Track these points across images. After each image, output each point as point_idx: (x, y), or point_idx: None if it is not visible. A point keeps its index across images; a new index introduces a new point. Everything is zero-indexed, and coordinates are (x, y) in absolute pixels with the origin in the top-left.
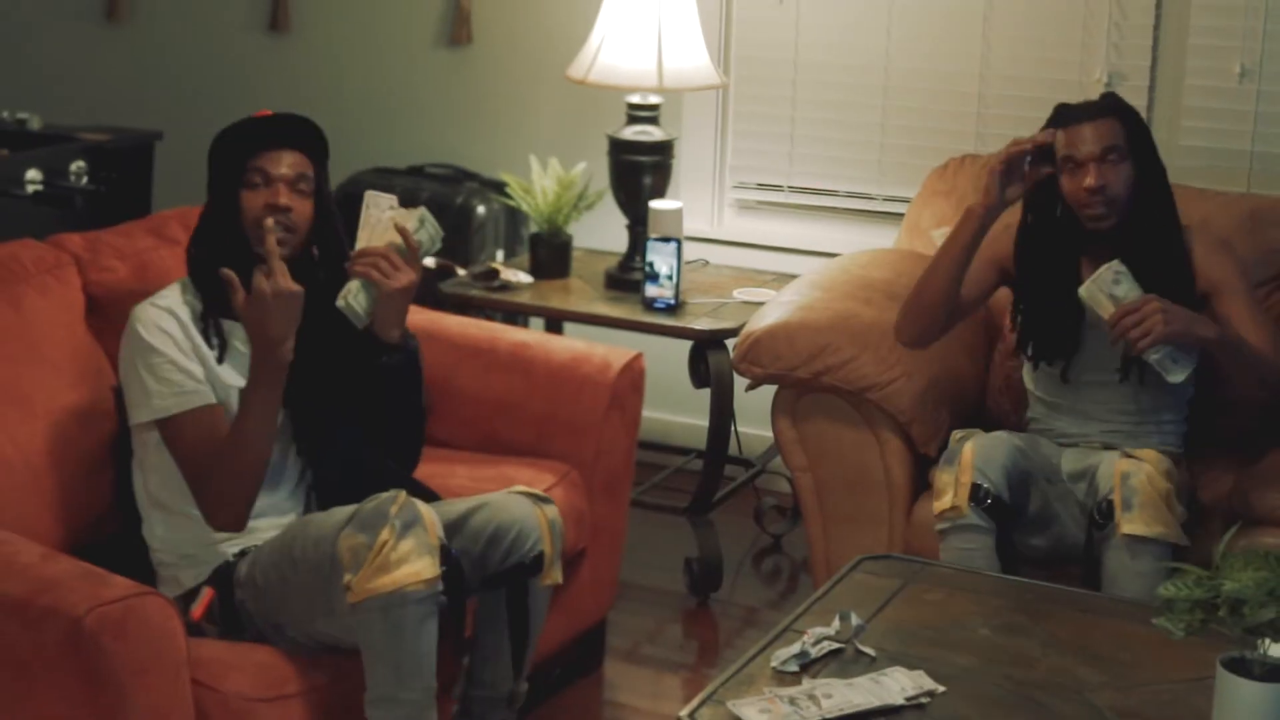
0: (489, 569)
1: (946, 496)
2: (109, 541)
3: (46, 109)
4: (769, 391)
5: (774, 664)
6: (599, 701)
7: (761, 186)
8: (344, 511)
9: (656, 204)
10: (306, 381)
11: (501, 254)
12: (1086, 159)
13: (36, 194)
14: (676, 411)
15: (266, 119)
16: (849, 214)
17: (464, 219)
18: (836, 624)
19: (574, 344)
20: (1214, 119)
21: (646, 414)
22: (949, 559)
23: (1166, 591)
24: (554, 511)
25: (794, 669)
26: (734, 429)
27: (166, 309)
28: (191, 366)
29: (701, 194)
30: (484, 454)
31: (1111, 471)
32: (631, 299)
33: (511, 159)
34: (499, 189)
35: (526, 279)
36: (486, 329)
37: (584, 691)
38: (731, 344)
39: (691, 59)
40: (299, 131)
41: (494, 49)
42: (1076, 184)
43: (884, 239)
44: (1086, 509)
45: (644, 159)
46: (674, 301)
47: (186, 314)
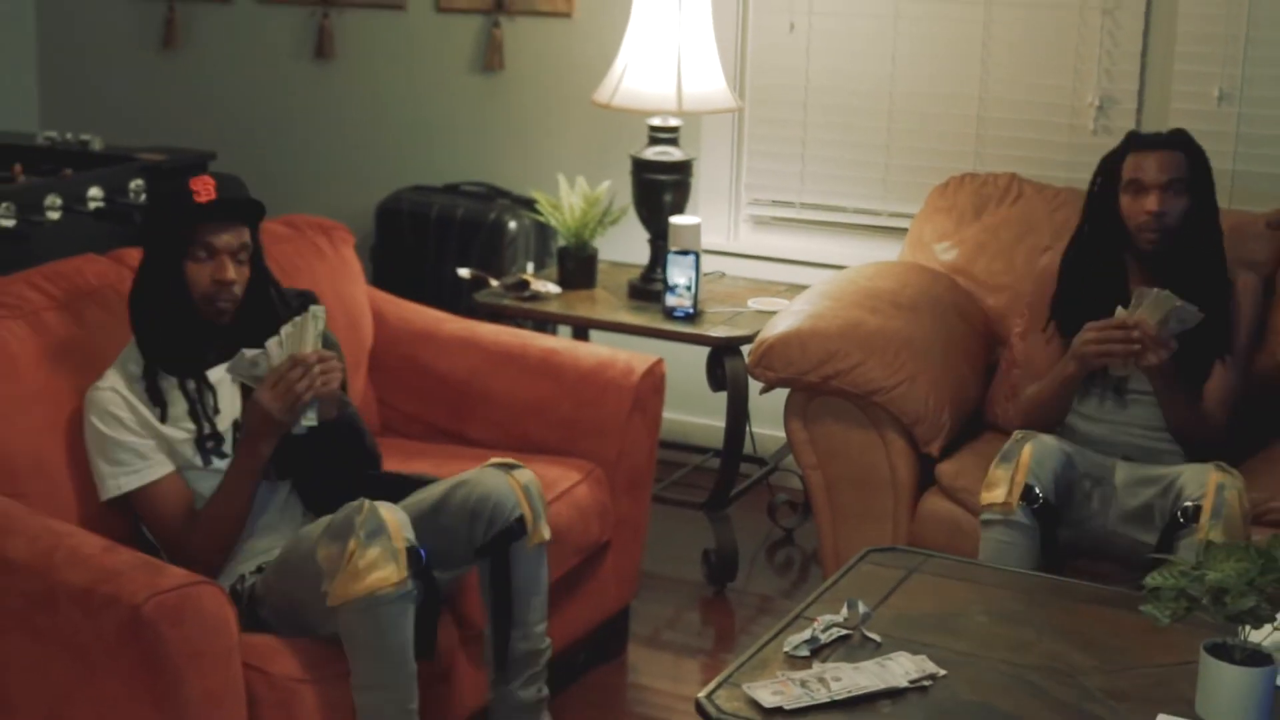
0: (476, 541)
1: (999, 490)
2: None
3: (107, 131)
4: (782, 394)
5: (786, 649)
6: (623, 684)
7: (774, 203)
8: (322, 522)
9: (676, 219)
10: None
11: (532, 266)
12: (1151, 185)
13: (98, 211)
14: (695, 413)
15: (210, 203)
16: (856, 229)
17: (497, 234)
18: (845, 612)
19: (599, 350)
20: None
21: (667, 415)
22: (987, 549)
23: (1153, 581)
24: (527, 475)
25: (805, 654)
26: (749, 429)
27: (110, 389)
28: (142, 444)
29: (718, 210)
30: (515, 452)
31: (1203, 480)
32: (653, 308)
33: (541, 177)
34: (529, 205)
35: (555, 289)
36: (518, 336)
37: (609, 675)
38: (746, 350)
39: (709, 84)
40: (238, 209)
41: (524, 75)
42: (1138, 206)
43: (889, 252)
44: (1159, 509)
45: (664, 177)
46: (692, 311)
47: (126, 387)
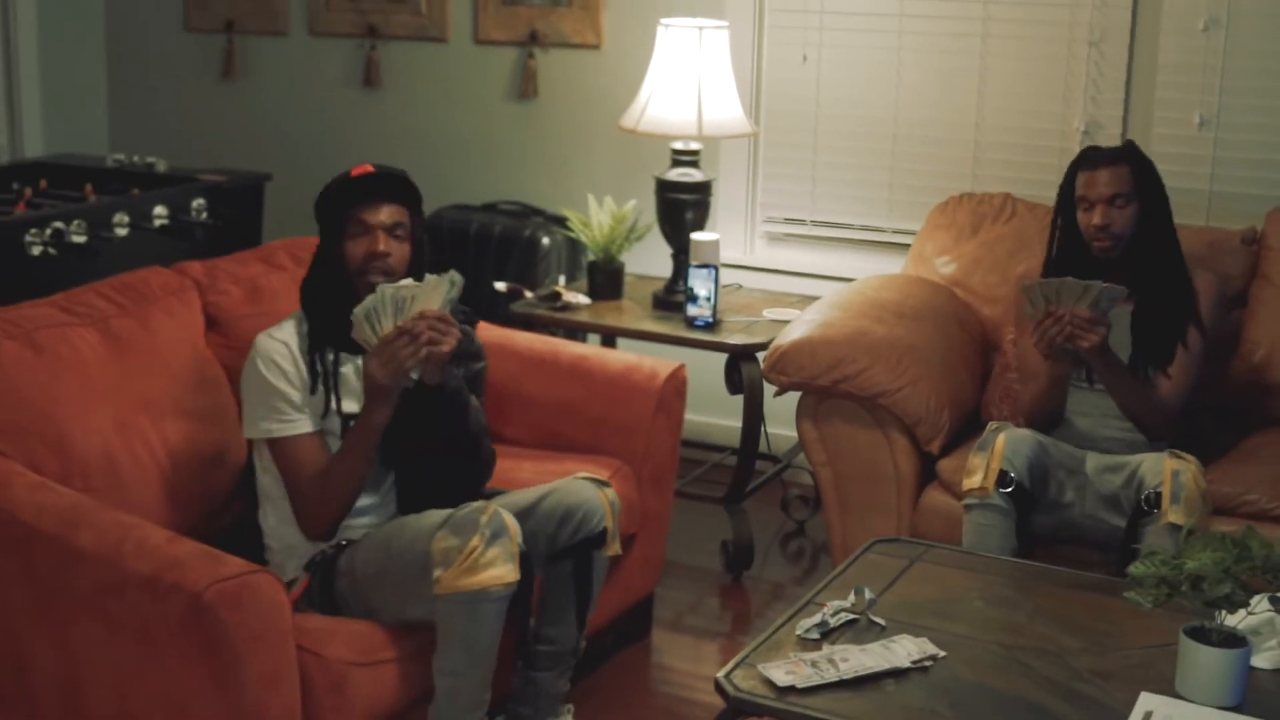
0: (559, 544)
1: (976, 477)
2: (228, 531)
3: (172, 154)
4: (794, 397)
5: (798, 632)
6: (648, 664)
7: (787, 220)
8: (438, 515)
9: (697, 236)
10: (411, 396)
11: (563, 279)
12: (1097, 200)
13: (163, 227)
14: (714, 414)
15: (365, 175)
16: (863, 244)
17: (531, 249)
18: (852, 598)
19: (625, 356)
20: (1177, 162)
21: (688, 416)
22: (969, 532)
23: (1136, 570)
24: (613, 493)
25: (815, 637)
26: (764, 430)
27: (282, 341)
28: (297, 397)
29: (736, 227)
30: (548, 451)
31: (1159, 468)
32: (675, 318)
33: (572, 197)
34: (561, 223)
35: (585, 300)
36: (551, 343)
37: (634, 656)
38: (762, 357)
39: (727, 111)
40: (394, 184)
41: (557, 102)
42: (1088, 220)
43: (893, 266)
44: (1123, 500)
45: (686, 197)
46: (712, 320)
47: (297, 344)
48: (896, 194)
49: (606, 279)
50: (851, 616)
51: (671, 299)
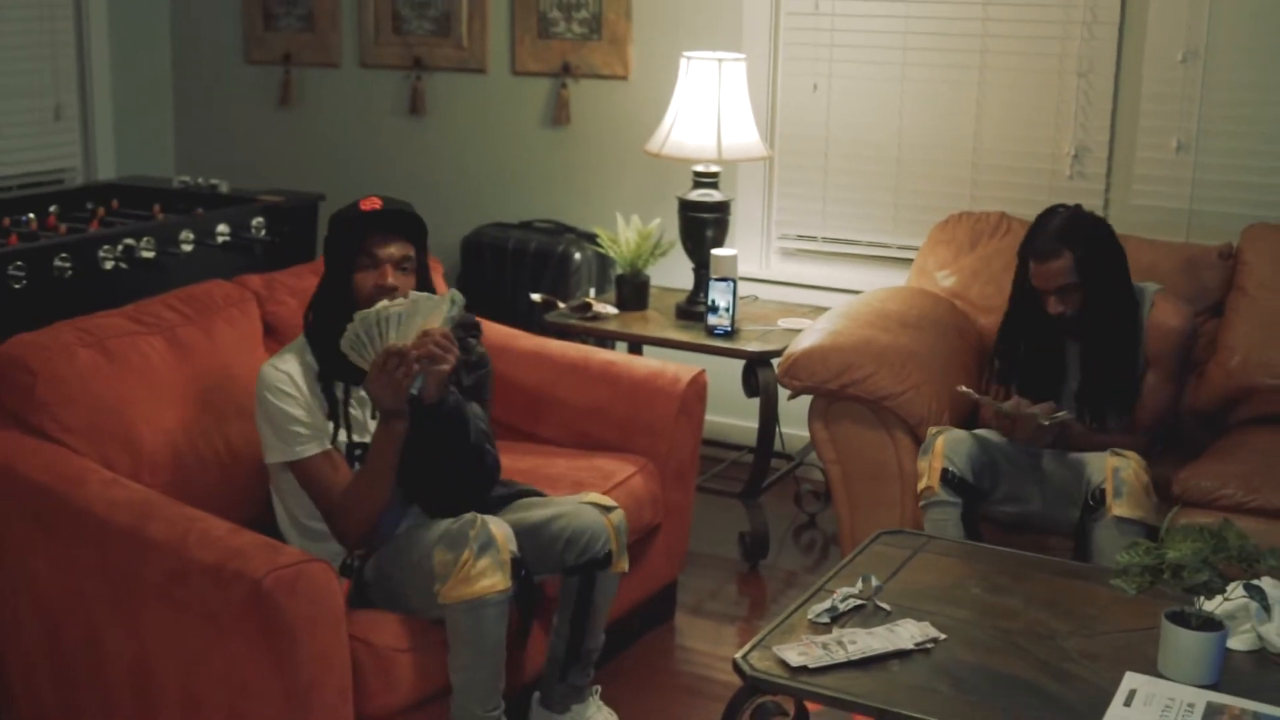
0: (566, 564)
1: (924, 479)
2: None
3: (233, 177)
4: (806, 400)
5: (810, 616)
6: (671, 646)
7: (800, 237)
8: (439, 528)
9: (716, 251)
10: (420, 420)
11: (593, 291)
12: (1046, 291)
13: (225, 244)
14: (732, 416)
15: (375, 211)
16: (869, 259)
17: (564, 263)
18: (860, 585)
19: (650, 362)
20: (1159, 184)
21: (708, 417)
22: (930, 528)
23: (1122, 559)
24: (619, 516)
25: (826, 620)
26: (778, 430)
27: (285, 371)
28: (309, 419)
29: (752, 243)
30: (579, 449)
31: (1103, 465)
32: (696, 327)
33: (601, 215)
34: (591, 239)
35: (613, 311)
36: (582, 350)
37: (659, 638)
38: (776, 362)
39: (744, 136)
40: (402, 219)
41: (587, 129)
42: (1044, 302)
43: (897, 279)
44: (1077, 494)
45: (706, 215)
46: (730, 329)
47: (301, 373)
48: (900, 212)
49: (633, 291)
50: (859, 602)
51: (693, 309)
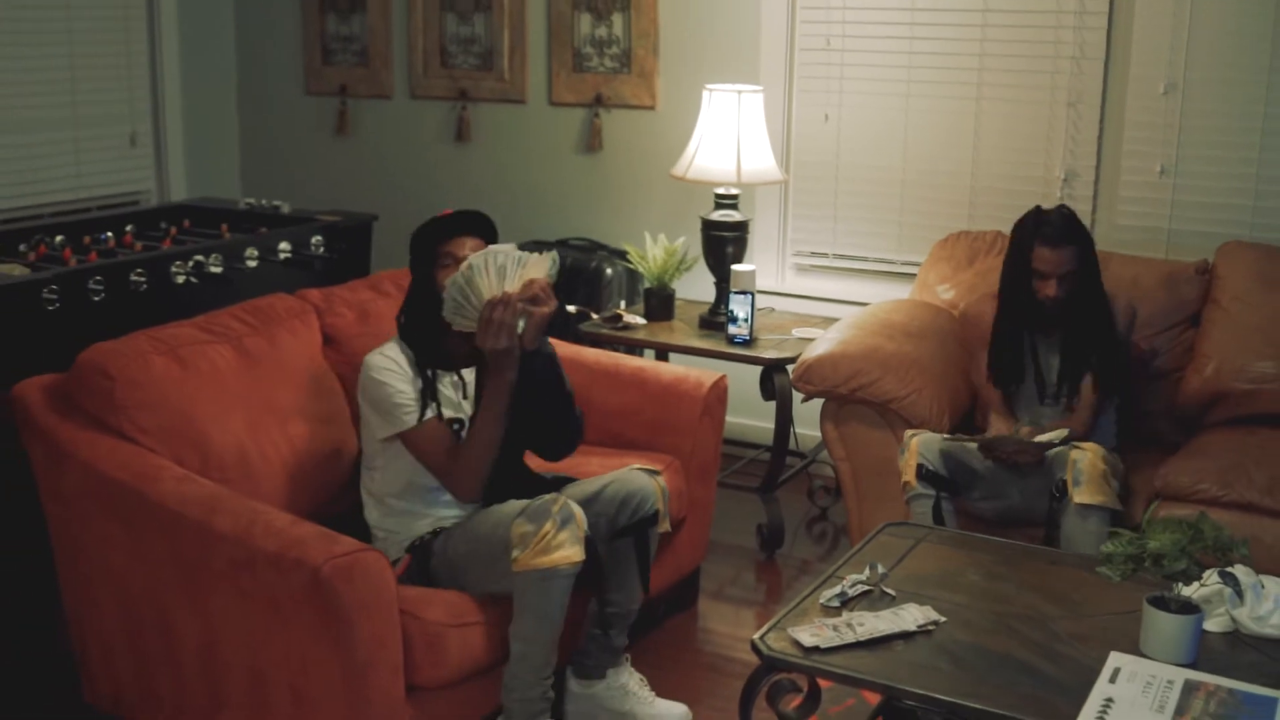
0: (619, 524)
1: (904, 476)
2: (341, 516)
3: (294, 198)
4: (818, 402)
5: (822, 601)
6: (695, 628)
7: (812, 254)
8: (516, 505)
9: (736, 267)
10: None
11: (624, 303)
12: (1051, 275)
13: (286, 260)
14: (751, 417)
15: (450, 216)
16: (876, 274)
17: (596, 278)
18: (867, 572)
19: (676, 368)
20: (1141, 205)
21: (729, 419)
22: (914, 518)
23: (1107, 548)
24: (663, 480)
25: (836, 605)
26: (793, 430)
27: (389, 356)
28: (414, 394)
29: (769, 259)
30: (611, 448)
31: (1065, 459)
32: (718, 336)
33: (631, 234)
34: (622, 256)
35: (642, 321)
36: (613, 358)
37: (683, 621)
38: (791, 368)
39: (762, 161)
40: (475, 221)
41: (618, 155)
42: (1043, 287)
43: (901, 292)
44: (1044, 487)
45: (727, 234)
46: (749, 338)
47: (402, 358)
48: (904, 231)
49: (660, 303)
50: (866, 588)
51: (715, 320)
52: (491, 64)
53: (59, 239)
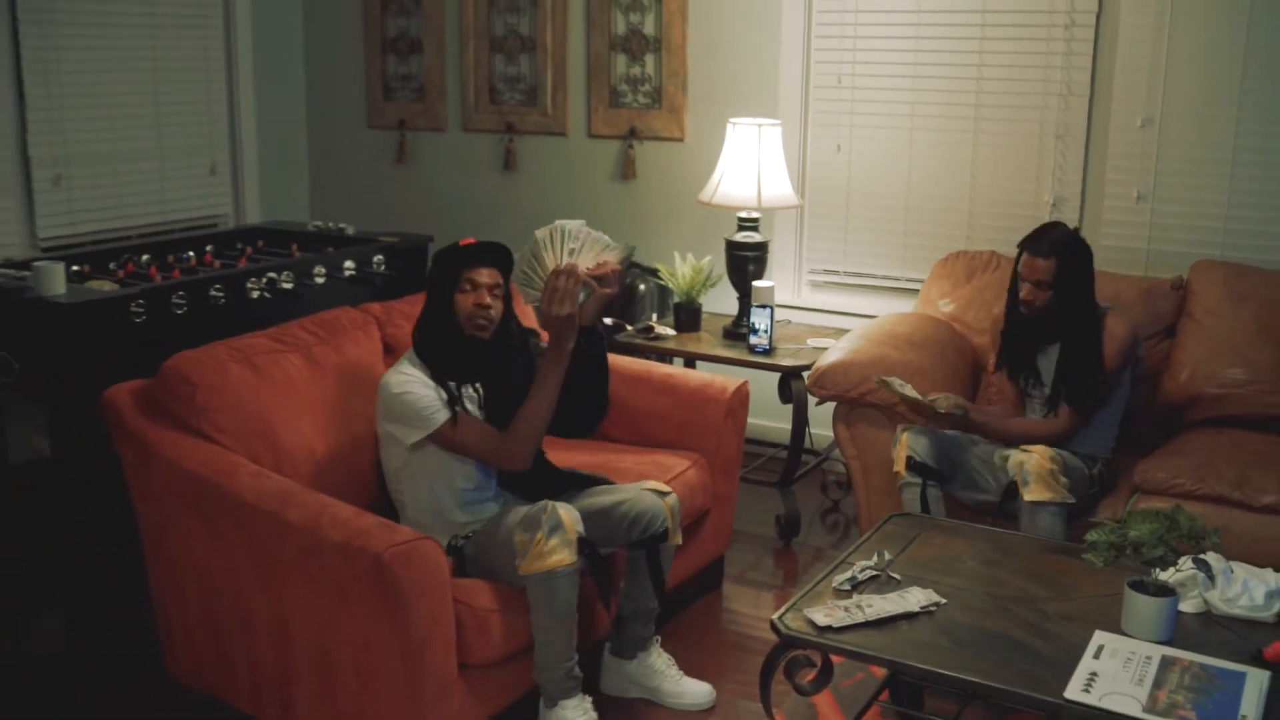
0: (631, 540)
1: (895, 466)
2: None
3: (357, 220)
4: (831, 405)
5: (834, 585)
6: (719, 609)
7: (825, 271)
8: (519, 514)
9: (757, 283)
10: (504, 407)
11: (655, 316)
12: (1026, 280)
13: (350, 277)
14: (770, 418)
15: (473, 245)
16: (883, 289)
17: (631, 293)
18: (875, 559)
19: (702, 375)
20: (1122, 227)
21: (750, 420)
22: (906, 505)
23: (1091, 537)
24: (673, 499)
25: (847, 588)
26: (808, 430)
27: (405, 373)
28: (437, 397)
29: (786, 276)
30: (643, 447)
31: (1015, 461)
32: (740, 345)
33: (662, 254)
34: (654, 273)
35: (671, 332)
36: (645, 365)
37: (709, 603)
38: (806, 375)
39: (780, 188)
40: (494, 252)
41: (651, 182)
42: (1021, 290)
43: (905, 305)
44: (1001, 485)
45: (749, 254)
46: (768, 347)
47: (418, 372)
48: (908, 251)
49: (688, 316)
50: (874, 573)
51: (738, 331)
52: (536, 100)
53: (145, 258)
